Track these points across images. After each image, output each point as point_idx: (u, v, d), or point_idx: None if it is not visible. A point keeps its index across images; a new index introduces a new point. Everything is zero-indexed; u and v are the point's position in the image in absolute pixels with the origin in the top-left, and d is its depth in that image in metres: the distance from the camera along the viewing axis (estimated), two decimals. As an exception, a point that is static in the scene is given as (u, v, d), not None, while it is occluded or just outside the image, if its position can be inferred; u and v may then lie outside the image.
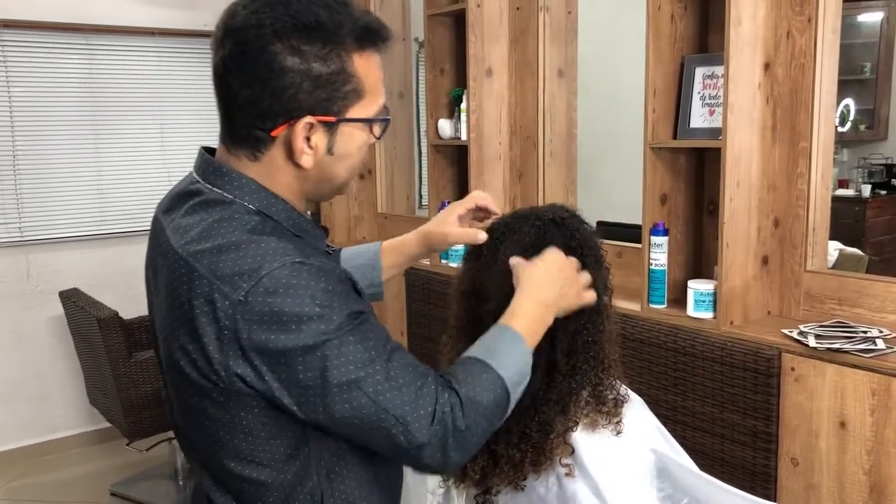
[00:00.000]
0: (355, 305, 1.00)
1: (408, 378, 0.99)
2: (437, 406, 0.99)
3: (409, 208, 3.96)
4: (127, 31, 3.83)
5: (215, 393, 0.99)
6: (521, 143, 3.04)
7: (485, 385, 1.04)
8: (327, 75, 1.00)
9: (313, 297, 0.95)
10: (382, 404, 0.97)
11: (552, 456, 1.22)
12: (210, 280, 0.96)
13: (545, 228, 1.26)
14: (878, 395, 1.78)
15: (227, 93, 1.02)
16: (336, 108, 1.02)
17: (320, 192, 1.11)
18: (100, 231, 3.90)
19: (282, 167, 1.05)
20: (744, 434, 2.02)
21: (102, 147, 3.87)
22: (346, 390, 0.96)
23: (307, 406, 0.97)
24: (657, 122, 2.25)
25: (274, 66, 0.98)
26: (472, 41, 2.90)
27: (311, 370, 0.95)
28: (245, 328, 0.94)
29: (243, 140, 1.04)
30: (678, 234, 2.34)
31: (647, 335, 2.22)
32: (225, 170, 1.05)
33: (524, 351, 1.11)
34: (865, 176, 4.95)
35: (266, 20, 0.98)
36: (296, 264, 0.96)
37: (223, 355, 0.96)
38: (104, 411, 3.34)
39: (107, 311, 3.01)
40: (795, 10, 2.09)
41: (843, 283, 2.08)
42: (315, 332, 0.95)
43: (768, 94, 2.11)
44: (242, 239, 0.98)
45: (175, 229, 1.04)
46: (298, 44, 0.98)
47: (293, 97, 0.99)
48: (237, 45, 0.99)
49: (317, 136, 1.02)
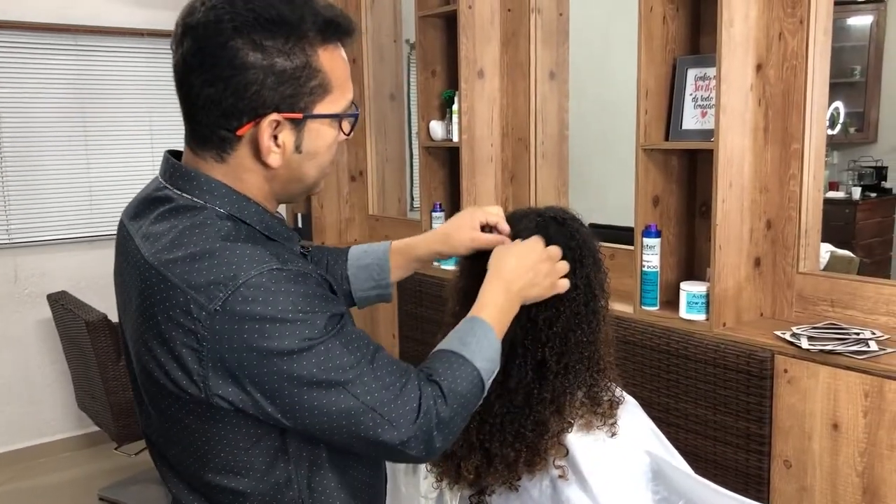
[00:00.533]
0: (335, 308, 0.98)
1: (392, 377, 0.99)
2: (421, 400, 0.99)
3: (401, 210, 3.95)
4: (116, 32, 3.81)
5: (192, 403, 0.97)
6: (512, 145, 3.04)
7: (462, 376, 1.05)
8: (291, 70, 0.97)
9: (294, 302, 0.93)
10: (370, 404, 0.96)
11: (546, 456, 1.21)
12: (184, 290, 0.93)
13: (546, 225, 1.26)
14: (870, 397, 1.78)
15: (188, 92, 0.99)
16: (302, 105, 1.00)
17: (290, 193, 1.08)
18: (88, 233, 3.88)
19: (249, 168, 1.02)
20: (737, 436, 2.02)
21: (91, 148, 3.84)
22: (333, 394, 0.95)
23: (293, 414, 0.95)
24: (649, 124, 2.25)
25: (235, 62, 0.95)
26: (463, 43, 2.89)
27: (296, 377, 0.93)
28: (225, 338, 0.92)
29: (208, 141, 1.01)
30: (670, 236, 2.33)
31: (639, 337, 2.21)
32: (193, 174, 1.02)
33: (494, 340, 1.12)
34: (855, 178, 4.98)
35: (225, 16, 0.95)
36: (273, 271, 0.94)
37: (202, 367, 0.94)
38: (93, 415, 3.32)
39: (95, 313, 2.99)
40: (787, 12, 2.09)
41: (836, 284, 2.08)
42: (299, 336, 0.93)
43: (760, 95, 2.11)
44: (216, 247, 0.95)
45: (145, 237, 1.01)
46: (260, 39, 0.95)
47: (257, 94, 0.96)
48: (196, 42, 0.96)
49: (284, 133, 1.00)
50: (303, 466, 1.04)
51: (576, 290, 1.25)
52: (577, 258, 1.25)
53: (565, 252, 1.24)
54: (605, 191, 3.96)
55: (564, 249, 1.24)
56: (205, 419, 0.98)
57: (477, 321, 1.13)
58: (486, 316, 1.14)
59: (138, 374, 1.04)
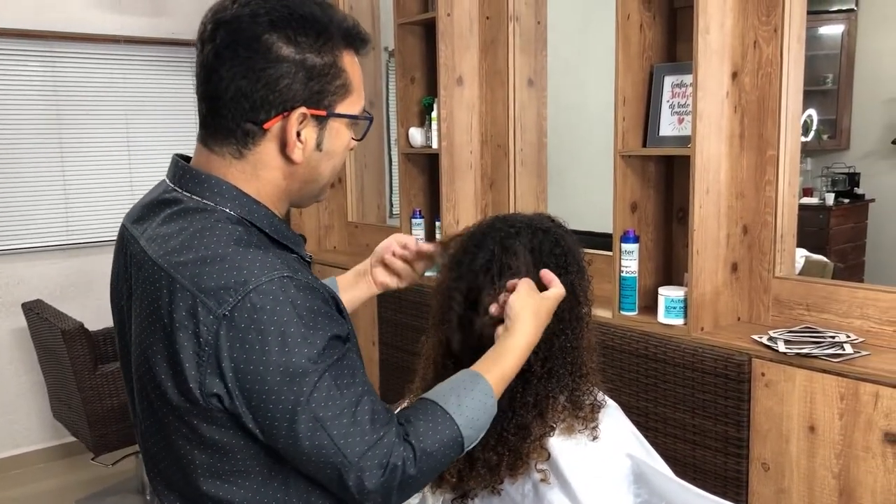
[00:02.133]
0: (338, 328, 0.98)
1: (371, 426, 0.97)
2: (391, 459, 0.97)
3: (380, 217, 3.94)
4: (92, 39, 3.78)
5: (193, 411, 0.96)
6: (491, 152, 3.05)
7: (443, 440, 1.02)
8: (321, 67, 1.00)
9: (300, 315, 0.93)
10: (343, 448, 0.95)
11: (529, 460, 1.21)
12: (193, 293, 0.93)
13: (533, 234, 1.26)
14: (846, 400, 1.81)
15: (216, 86, 0.99)
16: (326, 102, 1.02)
17: (304, 193, 1.09)
18: (64, 241, 3.83)
19: (270, 163, 1.03)
20: (715, 440, 2.04)
21: (67, 156, 3.80)
22: (311, 428, 0.94)
23: (269, 431, 0.95)
24: (627, 131, 2.27)
25: (270, 55, 0.97)
26: (442, 50, 2.90)
27: (282, 400, 0.93)
28: (227, 345, 0.92)
29: (230, 135, 1.01)
30: (648, 242, 2.35)
31: (618, 342, 2.23)
32: (203, 176, 1.02)
33: (491, 406, 1.07)
34: (829, 185, 5.04)
35: (261, 10, 0.98)
36: (284, 279, 0.94)
37: (200, 373, 0.93)
38: (69, 425, 3.27)
39: (71, 322, 2.95)
40: (762, 20, 2.12)
41: (811, 289, 2.10)
42: (297, 355, 0.92)
43: (736, 102, 2.14)
44: (228, 251, 0.95)
45: (151, 239, 1.01)
46: (294, 34, 0.98)
47: (288, 87, 0.98)
48: (231, 35, 0.98)
49: (307, 130, 1.02)
50: (301, 481, 1.03)
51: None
52: (561, 265, 1.26)
53: (549, 259, 1.25)
54: (582, 197, 3.98)
55: (548, 256, 1.25)
56: (203, 427, 0.97)
57: (480, 381, 1.07)
58: (491, 376, 1.09)
59: (137, 381, 1.04)
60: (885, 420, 1.75)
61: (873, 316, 1.97)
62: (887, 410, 1.74)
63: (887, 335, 1.94)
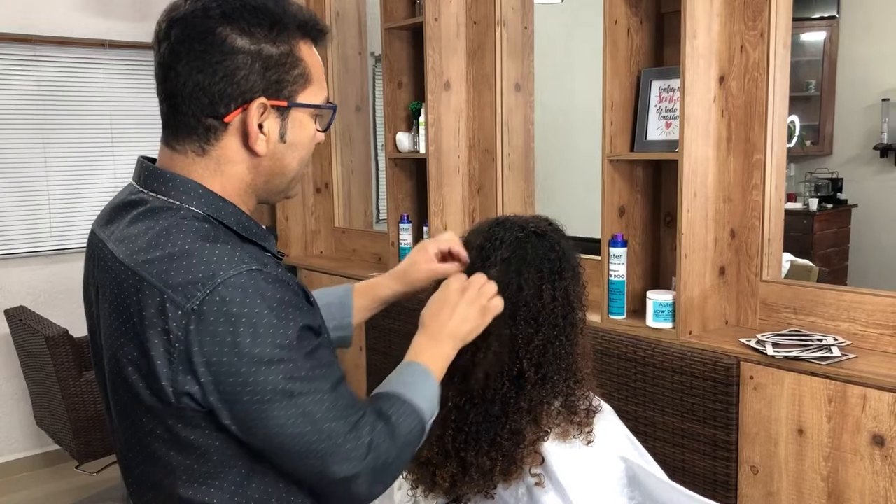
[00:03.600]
0: (309, 319, 0.98)
1: (349, 409, 0.98)
2: (373, 436, 0.99)
3: (367, 222, 3.93)
4: (77, 43, 3.76)
5: (167, 412, 0.95)
6: (479, 157, 3.05)
7: (407, 418, 1.05)
8: (277, 56, 1.00)
9: (270, 307, 0.93)
10: (326, 432, 0.95)
11: (522, 465, 1.21)
12: (161, 289, 0.92)
13: (527, 239, 1.26)
14: (834, 402, 1.81)
15: (174, 83, 0.99)
16: (287, 93, 1.02)
17: (272, 187, 1.07)
18: (47, 247, 3.80)
19: (233, 158, 1.02)
20: (704, 443, 2.04)
21: (51, 161, 3.77)
22: (291, 415, 0.93)
23: (245, 425, 0.94)
24: (615, 135, 2.28)
25: (225, 47, 0.97)
26: (429, 54, 2.90)
27: (258, 391, 0.92)
28: (197, 339, 0.91)
29: (192, 132, 1.01)
30: (636, 246, 2.36)
31: (607, 346, 2.23)
32: (168, 175, 1.01)
33: (434, 383, 1.13)
34: (812, 190, 5.08)
35: (213, 4, 0.98)
36: (252, 272, 0.93)
37: (172, 370, 0.92)
38: (52, 433, 3.24)
39: (55, 328, 2.92)
40: (748, 25, 2.13)
41: (798, 292, 2.11)
42: (270, 344, 0.92)
43: (723, 106, 2.15)
44: (195, 246, 0.94)
45: (119, 240, 1.00)
46: (248, 25, 0.98)
47: (245, 79, 0.98)
48: (184, 30, 0.98)
49: (269, 121, 1.01)
50: (281, 478, 1.02)
51: (554, 301, 1.25)
52: (556, 270, 1.26)
53: (543, 264, 1.25)
54: (570, 202, 4.00)
55: (543, 261, 1.25)
56: (178, 428, 0.96)
57: (414, 364, 1.14)
58: (422, 360, 1.15)
59: (111, 385, 1.02)
60: (873, 422, 1.76)
61: (860, 319, 1.98)
62: (875, 413, 1.75)
63: (874, 338, 1.96)
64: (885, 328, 1.94)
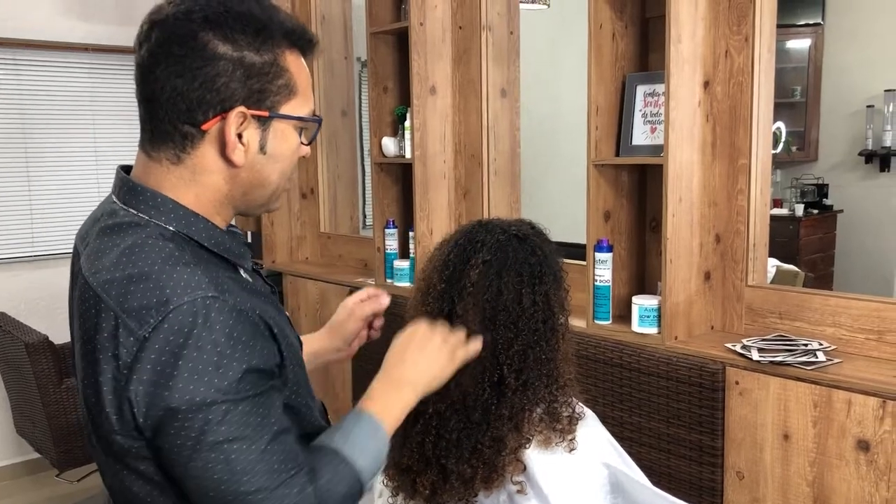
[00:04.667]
0: (257, 360, 0.93)
1: (281, 465, 0.94)
2: (299, 499, 0.94)
3: (353, 228, 3.91)
4: (59, 47, 3.72)
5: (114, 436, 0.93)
6: (465, 162, 3.04)
7: (341, 478, 1.00)
8: (260, 65, 0.97)
9: (215, 342, 0.89)
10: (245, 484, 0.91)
11: (504, 473, 1.19)
12: (116, 314, 0.90)
13: (508, 242, 1.25)
14: (819, 407, 1.81)
15: (152, 87, 0.96)
16: (269, 103, 0.99)
17: (251, 199, 1.04)
18: (29, 254, 3.76)
19: (210, 167, 0.99)
20: (690, 449, 2.03)
21: (33, 166, 3.73)
22: (211, 454, 0.90)
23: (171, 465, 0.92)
24: (600, 140, 2.27)
25: (205, 53, 0.94)
26: (415, 59, 2.89)
27: (186, 428, 0.89)
28: (137, 367, 0.88)
29: (168, 139, 0.98)
30: (622, 251, 2.35)
31: (592, 351, 2.22)
32: (140, 188, 0.99)
33: (382, 437, 1.08)
34: (798, 196, 5.11)
35: (195, 7, 0.95)
36: (207, 299, 0.90)
37: (116, 398, 0.90)
38: (32, 441, 3.20)
39: (36, 335, 2.89)
40: (733, 30, 2.13)
41: (784, 297, 2.11)
42: (205, 385, 0.88)
43: (708, 111, 2.15)
44: (154, 269, 0.91)
45: (88, 255, 0.98)
46: (230, 32, 0.95)
47: (225, 86, 0.95)
48: (165, 33, 0.95)
49: (249, 132, 0.98)
50: None
51: (534, 306, 1.23)
52: (536, 274, 1.24)
53: (524, 268, 1.23)
54: (555, 208, 3.99)
55: (524, 266, 1.23)
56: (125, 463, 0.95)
57: (365, 416, 1.08)
58: (373, 408, 1.09)
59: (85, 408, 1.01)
60: (858, 427, 1.75)
61: (845, 324, 1.98)
62: (860, 417, 1.75)
63: (859, 342, 1.95)
64: (869, 333, 1.94)
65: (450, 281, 1.24)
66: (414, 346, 1.17)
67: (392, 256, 3.10)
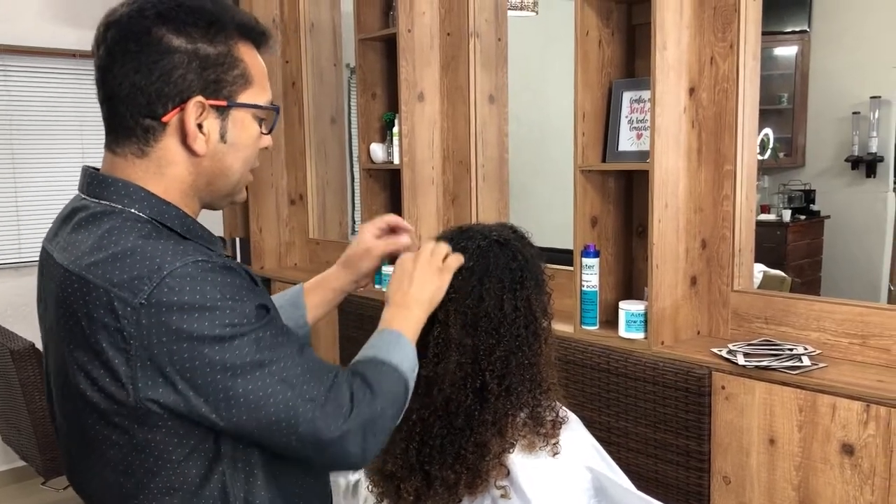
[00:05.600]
0: (262, 298, 0.98)
1: (322, 369, 0.99)
2: (353, 391, 0.99)
3: (342, 234, 3.91)
4: (46, 53, 3.71)
5: (121, 415, 0.93)
6: (453, 168, 3.05)
7: (386, 375, 1.06)
8: (215, 56, 0.99)
9: (221, 291, 0.92)
10: (306, 394, 0.95)
11: (488, 478, 1.19)
12: (106, 289, 0.91)
13: (489, 248, 1.25)
14: (804, 412, 1.82)
15: (111, 86, 0.99)
16: (226, 93, 1.01)
17: (215, 189, 1.06)
18: (15, 260, 3.74)
19: (173, 159, 1.01)
20: (676, 454, 2.04)
21: (20, 172, 3.72)
22: (268, 384, 0.93)
23: (227, 408, 0.93)
24: (586, 146, 2.28)
25: (160, 47, 0.97)
26: (403, 66, 2.90)
27: (228, 366, 0.91)
28: (154, 332, 0.89)
29: (130, 134, 1.00)
30: (609, 256, 2.36)
31: (579, 356, 2.22)
32: (110, 180, 1.01)
33: (408, 344, 1.14)
34: (785, 201, 5.13)
35: (148, 5, 0.98)
36: (199, 262, 0.93)
37: (131, 368, 0.90)
38: (17, 449, 3.17)
39: (21, 342, 2.87)
40: (718, 37, 2.15)
41: (769, 302, 2.12)
42: (228, 323, 0.92)
43: (693, 117, 2.16)
44: (138, 244, 0.93)
45: (63, 248, 0.99)
46: (184, 25, 0.98)
47: (182, 78, 0.97)
48: (120, 32, 0.98)
49: (209, 121, 1.00)
50: (238, 479, 1.00)
51: (516, 311, 1.23)
52: (517, 280, 1.25)
53: (504, 273, 1.24)
54: (543, 213, 4.00)
55: (504, 271, 1.24)
56: (134, 431, 0.94)
57: (385, 331, 1.15)
58: (392, 327, 1.16)
59: (61, 396, 1.00)
60: (842, 431, 1.76)
61: (830, 328, 1.99)
62: (844, 422, 1.75)
63: (843, 347, 1.97)
64: (853, 337, 1.95)
65: None
66: (407, 271, 1.23)
67: (381, 262, 3.10)
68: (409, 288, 1.21)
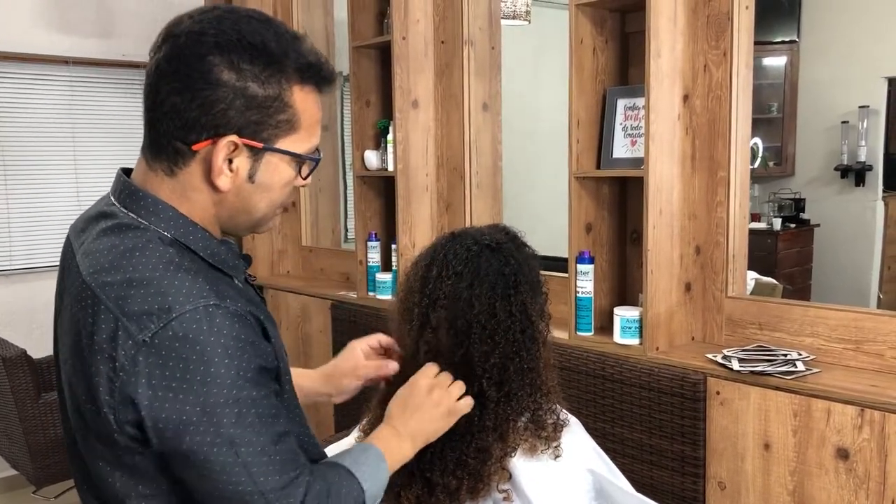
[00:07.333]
0: (264, 360, 0.96)
1: (288, 465, 0.96)
2: (306, 497, 0.97)
3: (335, 241, 3.91)
4: (39, 60, 3.70)
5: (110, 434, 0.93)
6: (447, 175, 3.05)
7: (349, 490, 1.04)
8: (262, 98, 0.96)
9: (225, 346, 0.90)
10: (260, 487, 0.93)
11: (490, 482, 1.19)
12: (117, 316, 0.90)
13: (480, 254, 1.24)
14: (799, 416, 1.83)
15: (155, 98, 0.97)
16: (265, 135, 0.98)
17: (236, 223, 1.05)
18: (6, 267, 3.71)
19: (197, 187, 1.00)
20: (672, 459, 2.04)
21: (11, 179, 3.70)
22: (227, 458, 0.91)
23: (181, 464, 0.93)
24: (581, 153, 2.29)
25: (209, 76, 0.94)
26: (397, 73, 2.90)
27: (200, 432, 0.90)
28: (145, 372, 0.88)
29: (162, 151, 0.99)
30: (603, 262, 2.37)
31: (575, 363, 2.22)
32: (141, 194, 0.99)
33: (384, 470, 1.12)
34: (776, 210, 5.16)
35: (209, 30, 0.95)
36: (210, 307, 0.91)
37: (112, 399, 0.90)
38: (8, 457, 3.15)
39: (13, 349, 2.85)
40: (711, 45, 2.17)
41: (763, 308, 2.13)
42: (219, 388, 0.90)
43: (687, 124, 2.18)
44: (155, 275, 0.92)
45: (85, 254, 0.98)
46: (238, 60, 0.95)
47: (222, 113, 0.95)
48: (173, 49, 0.95)
49: (240, 159, 0.98)
50: None
51: (511, 318, 1.22)
52: (510, 285, 1.23)
53: (497, 279, 1.23)
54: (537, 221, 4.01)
55: (497, 276, 1.23)
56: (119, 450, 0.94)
57: (371, 448, 1.13)
58: (381, 447, 1.14)
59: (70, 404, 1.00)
60: (837, 436, 1.77)
61: (823, 334, 2.01)
62: (839, 426, 1.76)
63: (837, 352, 1.98)
64: (847, 342, 1.96)
65: (424, 294, 1.24)
66: (417, 399, 1.20)
67: (374, 269, 3.11)
68: (411, 419, 1.19)
